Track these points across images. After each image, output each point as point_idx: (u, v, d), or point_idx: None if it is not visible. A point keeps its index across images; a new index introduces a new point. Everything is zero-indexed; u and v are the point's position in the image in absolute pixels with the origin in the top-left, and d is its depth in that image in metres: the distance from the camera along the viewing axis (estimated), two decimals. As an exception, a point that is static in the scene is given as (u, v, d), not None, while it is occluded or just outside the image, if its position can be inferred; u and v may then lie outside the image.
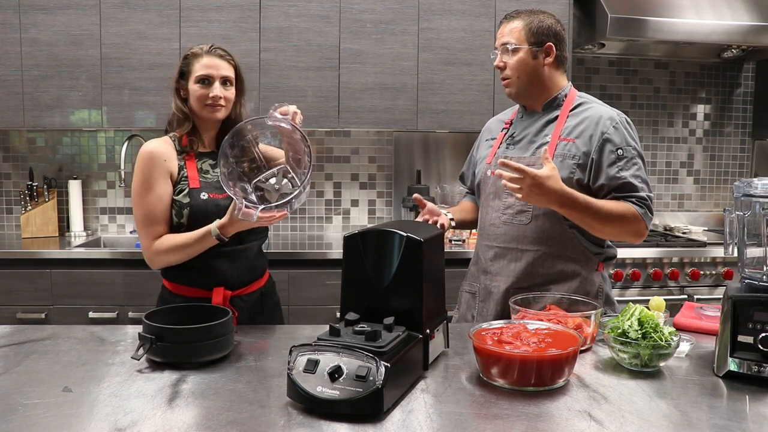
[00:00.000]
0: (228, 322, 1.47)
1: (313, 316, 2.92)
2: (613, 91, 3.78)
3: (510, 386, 1.28)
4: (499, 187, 1.91)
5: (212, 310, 1.55)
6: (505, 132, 2.04)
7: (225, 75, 1.83)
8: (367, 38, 3.20)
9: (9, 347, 1.53)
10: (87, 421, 1.13)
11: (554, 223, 1.86)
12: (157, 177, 1.78)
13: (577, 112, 1.91)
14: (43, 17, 3.06)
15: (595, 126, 1.85)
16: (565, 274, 1.88)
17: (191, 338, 1.40)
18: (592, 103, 1.93)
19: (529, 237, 1.88)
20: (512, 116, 2.07)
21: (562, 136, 1.88)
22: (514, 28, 1.91)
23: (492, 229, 1.95)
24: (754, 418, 1.18)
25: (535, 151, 1.89)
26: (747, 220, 1.43)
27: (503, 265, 1.92)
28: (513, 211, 1.90)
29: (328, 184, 3.65)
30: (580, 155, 1.84)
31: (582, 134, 1.85)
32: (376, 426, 1.12)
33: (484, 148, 2.10)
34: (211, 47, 1.85)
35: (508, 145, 1.98)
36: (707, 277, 3.13)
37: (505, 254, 1.92)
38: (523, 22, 1.90)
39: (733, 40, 3.23)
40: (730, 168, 3.93)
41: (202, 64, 1.82)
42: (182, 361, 1.40)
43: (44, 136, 3.49)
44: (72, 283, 2.89)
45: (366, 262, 1.39)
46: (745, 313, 1.35)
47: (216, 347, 1.43)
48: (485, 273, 1.97)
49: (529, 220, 1.88)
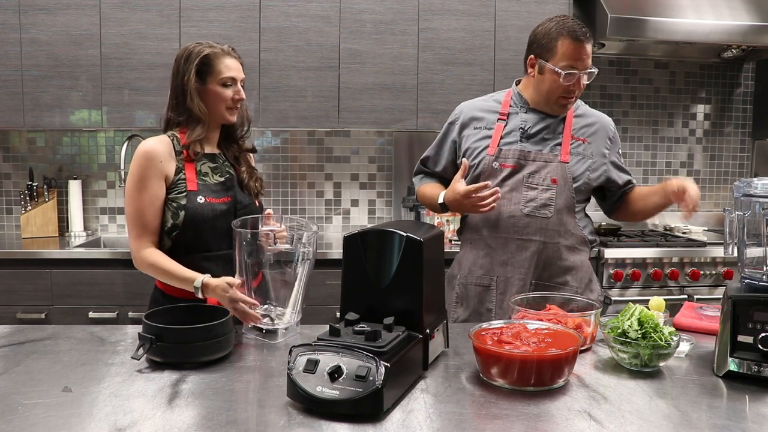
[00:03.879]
0: (228, 322, 1.47)
1: (313, 316, 2.91)
2: (613, 91, 3.78)
3: (510, 386, 1.28)
4: (518, 180, 1.98)
5: (212, 310, 1.55)
6: (503, 123, 2.03)
7: (243, 76, 1.85)
8: (367, 38, 3.20)
9: (9, 347, 1.53)
10: (87, 421, 1.13)
11: (570, 216, 2.00)
12: (152, 178, 1.76)
13: (580, 114, 2.07)
14: (43, 17, 3.06)
15: (606, 129, 2.07)
16: (577, 264, 2.02)
17: (191, 338, 1.40)
18: (585, 105, 2.12)
19: (552, 230, 1.98)
20: (505, 107, 2.06)
21: (574, 135, 2.03)
22: (590, 51, 1.93)
23: (512, 221, 1.98)
24: (754, 418, 1.18)
25: (552, 148, 2.00)
26: (747, 220, 1.43)
27: (526, 257, 1.98)
28: (536, 204, 1.97)
29: (328, 184, 3.65)
30: (596, 156, 2.03)
31: (595, 135, 2.05)
32: (376, 426, 1.12)
33: (476, 137, 2.05)
34: (230, 48, 1.84)
35: (521, 139, 2.01)
36: (707, 277, 3.13)
37: (528, 246, 1.98)
38: (591, 42, 1.94)
39: (733, 40, 3.23)
40: (730, 168, 3.93)
41: (227, 65, 1.80)
42: (182, 361, 1.40)
43: (44, 136, 3.49)
44: (72, 283, 2.90)
45: (366, 262, 1.39)
46: (745, 313, 1.35)
47: (216, 347, 1.43)
48: (503, 265, 2.00)
49: (552, 214, 1.98)
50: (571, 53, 1.89)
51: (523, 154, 1.99)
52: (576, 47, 1.89)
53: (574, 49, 1.89)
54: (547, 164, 1.98)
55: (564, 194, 1.97)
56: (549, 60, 1.93)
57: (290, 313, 1.64)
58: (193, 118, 1.81)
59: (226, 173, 1.87)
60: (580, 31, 1.90)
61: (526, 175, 1.98)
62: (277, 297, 1.67)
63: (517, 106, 2.05)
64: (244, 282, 1.63)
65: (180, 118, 1.83)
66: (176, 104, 1.83)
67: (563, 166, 1.98)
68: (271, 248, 1.62)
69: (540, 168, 1.98)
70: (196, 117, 1.80)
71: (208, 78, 1.79)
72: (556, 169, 1.98)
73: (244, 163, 1.94)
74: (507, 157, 1.99)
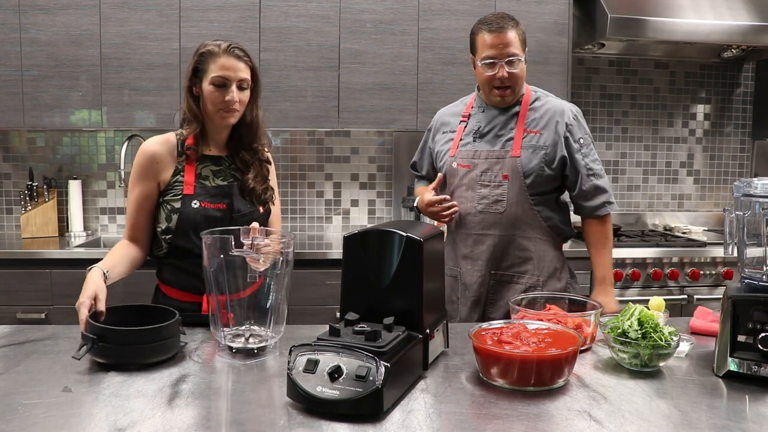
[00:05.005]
0: (173, 325, 1.43)
1: (313, 316, 2.92)
2: (613, 91, 3.78)
3: (510, 386, 1.28)
4: (472, 179, 2.07)
5: (160, 312, 1.51)
6: (464, 125, 2.14)
7: (242, 77, 1.73)
8: (367, 38, 3.20)
9: (9, 347, 1.53)
10: (87, 421, 1.13)
11: (526, 209, 2.04)
12: (144, 178, 1.76)
13: (536, 106, 2.09)
14: (43, 17, 3.06)
15: (559, 117, 2.04)
16: (537, 254, 2.06)
17: (134, 340, 1.37)
18: (548, 96, 2.13)
19: (505, 223, 2.05)
20: (467, 109, 2.17)
21: (527, 129, 2.05)
22: (512, 38, 1.99)
23: (469, 218, 2.09)
24: (753, 417, 1.18)
25: (504, 144, 2.06)
26: (747, 220, 1.43)
27: (483, 250, 2.08)
28: (488, 201, 2.06)
29: (328, 184, 3.65)
30: (548, 146, 2.03)
31: (547, 126, 2.04)
32: (376, 426, 1.12)
33: (443, 141, 2.19)
34: (229, 46, 1.73)
35: (474, 139, 2.10)
36: (707, 277, 3.13)
37: (484, 240, 2.07)
38: (515, 30, 2.00)
39: (732, 40, 3.23)
40: (730, 168, 3.93)
41: (219, 64, 1.71)
42: (125, 363, 1.37)
43: (44, 136, 3.49)
44: (72, 283, 2.87)
45: (366, 262, 1.39)
46: (745, 313, 1.35)
47: (159, 350, 1.40)
48: (465, 258, 2.11)
49: (504, 209, 2.04)
50: (488, 44, 1.98)
51: (476, 153, 2.08)
52: (491, 38, 1.98)
53: (490, 40, 1.98)
54: (498, 161, 2.04)
55: (516, 189, 2.02)
56: (475, 55, 2.05)
57: (265, 331, 1.52)
58: (190, 117, 1.78)
59: (229, 177, 1.82)
60: (494, 22, 1.99)
61: (479, 173, 2.06)
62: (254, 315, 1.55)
63: (477, 107, 2.15)
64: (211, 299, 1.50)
65: (184, 116, 1.81)
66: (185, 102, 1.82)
67: (515, 161, 2.02)
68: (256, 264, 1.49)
69: (492, 165, 2.05)
70: (193, 115, 1.77)
71: (202, 77, 1.74)
72: (508, 165, 2.03)
73: (254, 169, 1.84)
74: (463, 157, 2.10)
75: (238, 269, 1.48)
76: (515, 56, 1.98)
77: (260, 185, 1.84)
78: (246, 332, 1.52)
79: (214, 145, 1.83)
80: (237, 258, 1.47)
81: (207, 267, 1.49)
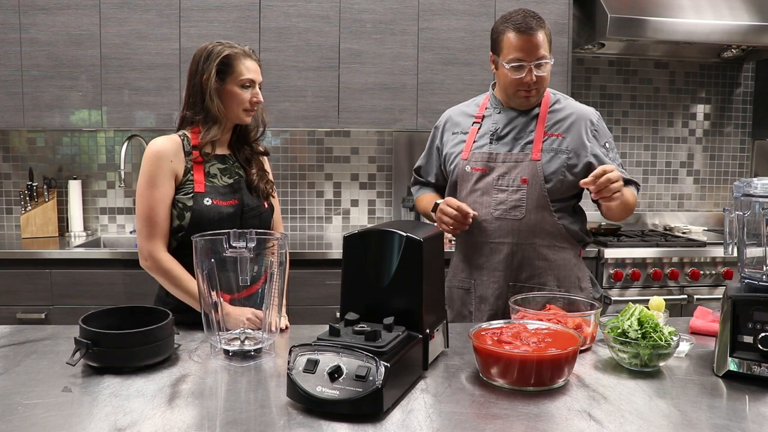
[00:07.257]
0: (166, 326, 1.43)
1: (313, 316, 2.92)
2: (612, 91, 3.78)
3: (510, 386, 1.28)
4: (488, 183, 1.95)
5: (152, 313, 1.50)
6: (477, 126, 2.03)
7: (261, 80, 1.85)
8: (367, 38, 3.20)
9: (9, 347, 1.53)
10: (87, 421, 1.13)
11: (546, 216, 1.93)
12: (163, 176, 1.75)
13: (557, 108, 1.99)
14: (43, 17, 3.06)
15: (583, 121, 1.96)
16: (560, 263, 1.96)
17: (128, 343, 1.36)
18: (567, 99, 2.04)
19: (524, 231, 1.93)
20: (481, 110, 2.06)
21: (547, 131, 1.96)
22: (541, 40, 1.87)
23: (484, 225, 1.96)
24: (753, 417, 1.18)
25: (523, 147, 1.96)
26: (747, 220, 1.43)
27: (500, 260, 1.96)
28: (506, 206, 1.94)
29: (328, 184, 3.65)
30: (571, 150, 1.94)
31: (570, 129, 1.96)
32: (376, 426, 1.12)
33: (453, 142, 2.06)
34: (250, 49, 1.83)
35: (491, 141, 1.98)
36: (707, 277, 3.13)
37: (501, 248, 1.95)
38: (544, 31, 1.88)
39: (732, 40, 3.23)
40: (730, 168, 3.93)
41: (247, 67, 1.80)
42: (120, 366, 1.37)
43: (44, 136, 3.49)
44: (72, 283, 2.90)
45: (366, 262, 1.39)
46: (745, 313, 1.35)
47: (153, 351, 1.39)
48: (479, 269, 1.99)
49: (523, 215, 1.93)
50: (516, 46, 1.86)
51: (492, 157, 1.96)
52: (520, 39, 1.85)
53: (519, 42, 1.85)
54: (517, 164, 1.93)
55: (536, 194, 1.92)
56: (500, 55, 1.92)
57: (260, 334, 1.52)
58: (209, 118, 1.80)
59: (235, 175, 1.87)
60: (524, 23, 1.85)
61: (495, 177, 1.95)
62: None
63: (492, 108, 2.04)
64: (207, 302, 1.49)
65: (196, 117, 1.81)
66: (193, 103, 1.82)
67: (534, 164, 1.92)
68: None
69: (510, 169, 1.94)
70: (214, 117, 1.80)
71: (227, 78, 1.79)
72: (527, 169, 1.92)
73: (255, 165, 1.92)
74: (477, 160, 1.98)
75: (231, 272, 1.48)
76: (544, 59, 1.87)
77: (262, 180, 1.91)
78: (241, 335, 1.52)
79: (219, 145, 1.87)
80: (229, 259, 1.46)
81: (199, 271, 1.47)
